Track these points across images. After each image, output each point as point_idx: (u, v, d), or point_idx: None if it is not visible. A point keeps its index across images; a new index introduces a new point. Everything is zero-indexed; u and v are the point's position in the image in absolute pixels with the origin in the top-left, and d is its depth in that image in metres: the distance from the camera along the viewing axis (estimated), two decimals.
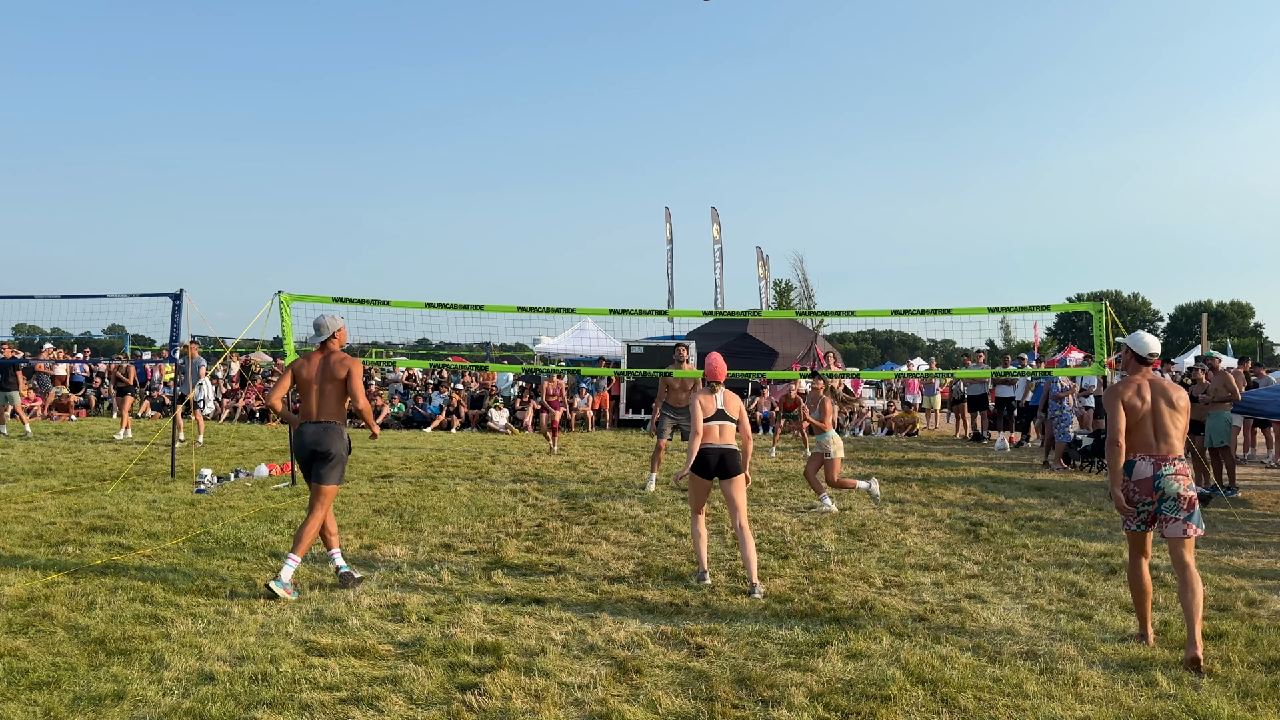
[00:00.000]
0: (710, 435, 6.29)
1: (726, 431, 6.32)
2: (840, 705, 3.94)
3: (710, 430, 6.29)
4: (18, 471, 11.12)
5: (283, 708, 3.84)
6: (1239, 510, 9.59)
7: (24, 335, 39.89)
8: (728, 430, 6.32)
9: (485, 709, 3.88)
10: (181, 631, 4.81)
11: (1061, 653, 4.66)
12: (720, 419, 6.32)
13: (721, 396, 6.41)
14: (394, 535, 7.50)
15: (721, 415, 6.33)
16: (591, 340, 28.14)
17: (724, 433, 6.31)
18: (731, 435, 6.34)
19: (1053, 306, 11.65)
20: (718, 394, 6.43)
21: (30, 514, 8.15)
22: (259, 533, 7.43)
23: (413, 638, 4.80)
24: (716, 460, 6.22)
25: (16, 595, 5.43)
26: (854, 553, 7.11)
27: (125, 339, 37.37)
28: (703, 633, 4.95)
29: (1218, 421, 11.02)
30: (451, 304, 11.37)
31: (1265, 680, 4.30)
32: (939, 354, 61.22)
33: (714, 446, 6.26)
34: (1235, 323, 78.22)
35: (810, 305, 46.38)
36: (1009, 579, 6.29)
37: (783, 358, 24.39)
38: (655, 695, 4.04)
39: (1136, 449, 4.85)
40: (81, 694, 3.96)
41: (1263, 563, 6.95)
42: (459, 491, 10.09)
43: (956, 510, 9.29)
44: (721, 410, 6.34)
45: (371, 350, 39.20)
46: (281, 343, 11.15)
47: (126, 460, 12.32)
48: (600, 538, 7.53)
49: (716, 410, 6.34)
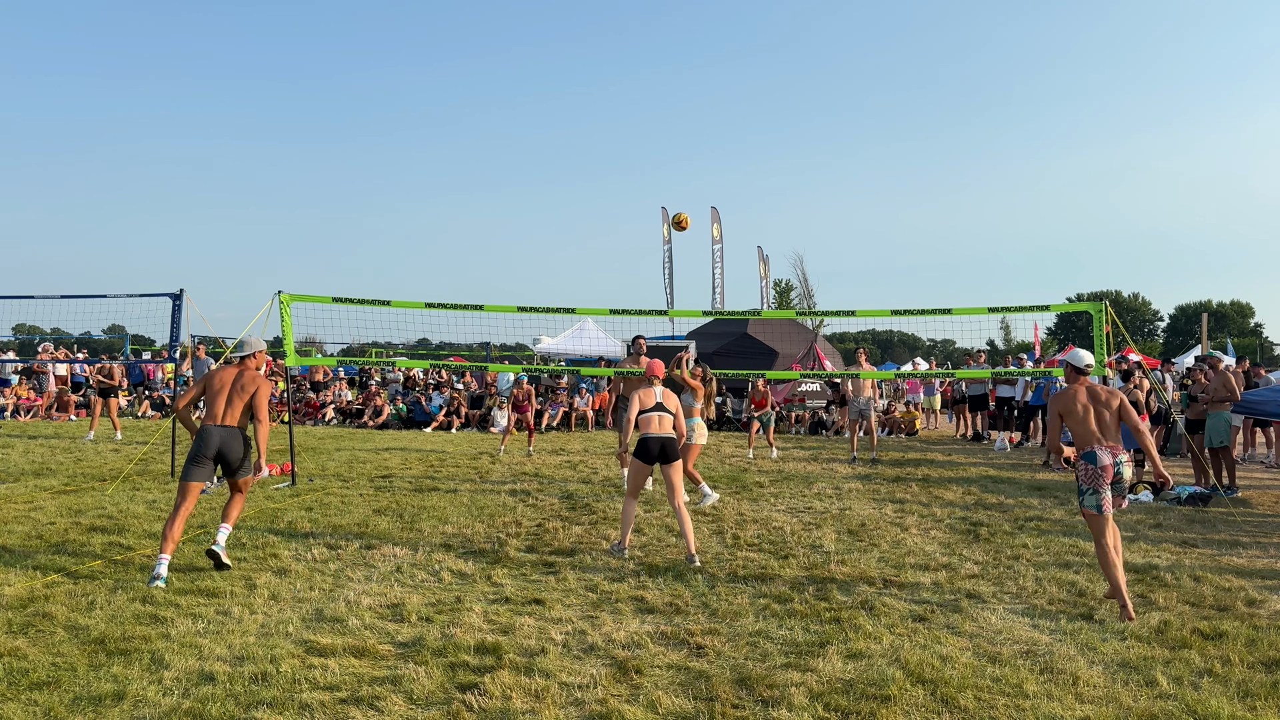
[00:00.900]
0: (650, 425, 7.05)
1: (665, 422, 7.08)
2: (840, 705, 3.94)
3: (650, 420, 7.07)
4: (18, 471, 11.12)
5: (283, 708, 3.84)
6: (1239, 510, 9.59)
7: (24, 335, 39.91)
8: (666, 421, 7.09)
9: (485, 709, 3.88)
10: (181, 631, 4.81)
11: (1061, 653, 4.67)
12: (659, 410, 7.10)
13: (660, 391, 7.21)
14: (394, 535, 7.50)
15: (660, 407, 7.12)
16: (591, 340, 28.13)
17: (663, 423, 7.07)
18: (670, 425, 7.09)
19: (1053, 306, 11.65)
20: (656, 388, 7.23)
21: (30, 514, 8.15)
22: (259, 533, 7.43)
23: (413, 638, 4.80)
24: (658, 448, 6.99)
25: (16, 595, 5.43)
26: (854, 553, 7.11)
27: (125, 339, 37.38)
28: (703, 633, 4.95)
29: (1217, 421, 11.02)
30: (451, 304, 11.38)
31: (1265, 680, 4.30)
32: (939, 354, 61.25)
33: (655, 435, 7.02)
34: (1235, 323, 78.22)
35: (810, 305, 46.40)
36: (1009, 579, 6.29)
37: (783, 357, 24.39)
38: (655, 695, 4.04)
39: (1088, 442, 5.78)
40: (81, 694, 3.96)
41: (1263, 563, 6.95)
42: (459, 491, 10.09)
43: (956, 510, 9.29)
44: (660, 403, 7.13)
45: (371, 350, 39.19)
46: (281, 343, 11.15)
47: (126, 460, 12.32)
48: (600, 538, 7.53)
49: (655, 403, 7.13)
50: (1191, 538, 7.95)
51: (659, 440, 6.99)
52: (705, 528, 8.10)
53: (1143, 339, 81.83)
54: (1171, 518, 9.04)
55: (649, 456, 6.98)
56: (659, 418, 7.06)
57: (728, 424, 20.67)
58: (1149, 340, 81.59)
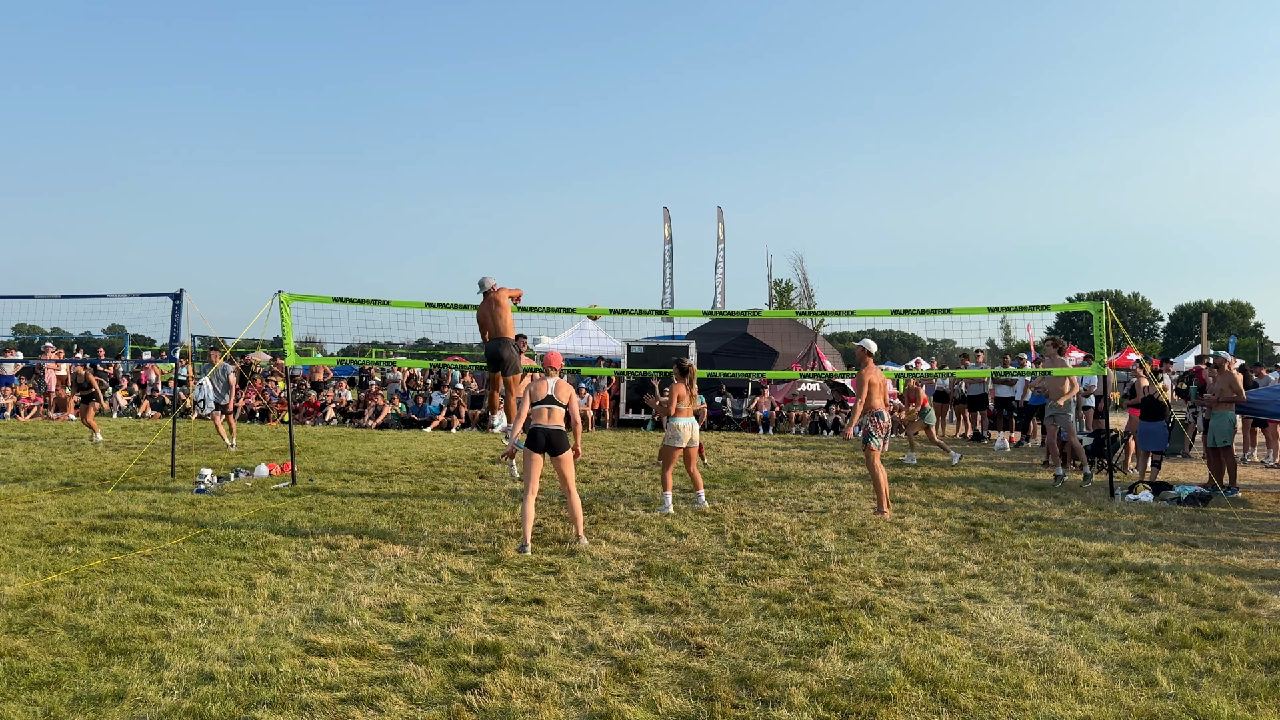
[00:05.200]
0: (540, 417, 7.23)
1: (555, 414, 7.27)
2: (840, 705, 3.94)
3: (540, 412, 7.24)
4: (18, 471, 11.13)
5: (283, 708, 3.84)
6: (1239, 510, 9.59)
7: (24, 335, 39.90)
8: (556, 413, 7.27)
9: (485, 709, 3.88)
10: (181, 631, 4.81)
11: (1061, 653, 4.67)
12: (549, 403, 7.27)
13: (554, 384, 7.37)
14: (394, 535, 7.50)
15: (551, 400, 7.28)
16: (591, 340, 28.12)
17: (553, 415, 7.26)
18: (560, 418, 7.28)
19: (1053, 306, 11.64)
20: (549, 380, 7.38)
21: (30, 514, 8.15)
22: (259, 533, 7.44)
23: (413, 638, 4.80)
24: (544, 440, 7.18)
25: (16, 595, 5.43)
26: (854, 553, 7.11)
27: (125, 339, 37.41)
28: (703, 633, 4.95)
29: (1221, 421, 11.01)
30: (451, 304, 11.37)
31: (1265, 680, 4.30)
32: (939, 354, 61.22)
33: (543, 427, 7.21)
34: (1235, 323, 78.20)
35: (810, 305, 46.41)
36: (1009, 579, 6.29)
37: (783, 357, 24.39)
38: (655, 695, 4.04)
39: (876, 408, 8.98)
40: (81, 694, 3.96)
41: (1263, 563, 6.95)
42: (459, 491, 10.09)
43: (956, 510, 9.29)
44: (551, 396, 7.30)
45: (371, 350, 39.20)
46: (281, 342, 11.15)
47: (126, 460, 12.32)
48: (600, 538, 7.53)
49: (547, 395, 7.29)
50: (1191, 538, 7.95)
51: (546, 432, 7.19)
52: (705, 528, 8.10)
53: (1143, 339, 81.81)
54: (1171, 518, 9.04)
55: (537, 446, 7.19)
56: (549, 410, 7.26)
57: (728, 424, 20.67)
58: (1149, 340, 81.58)
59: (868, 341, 9.25)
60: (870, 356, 9.19)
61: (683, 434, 9.17)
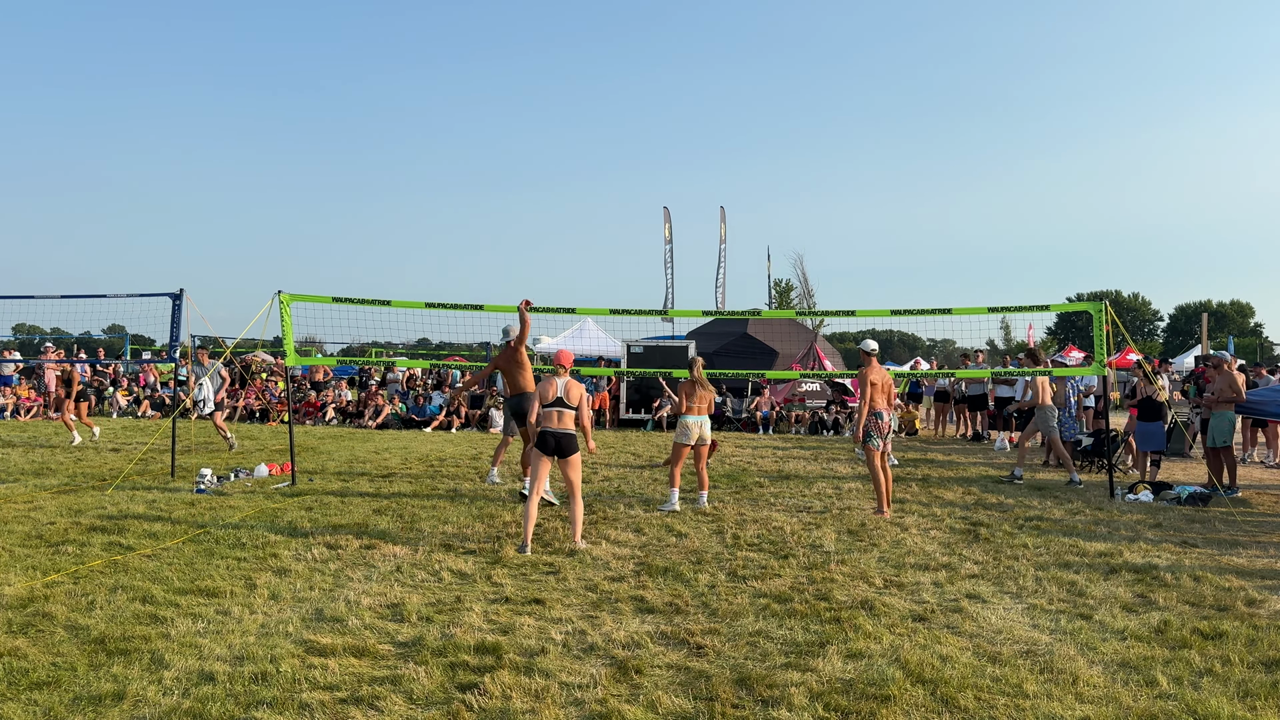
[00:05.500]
0: (549, 420, 7.06)
1: (565, 418, 7.06)
2: (840, 705, 3.94)
3: (550, 415, 7.06)
4: (18, 471, 11.13)
5: (283, 708, 3.84)
6: (1239, 510, 9.60)
7: (24, 335, 39.91)
8: (566, 416, 7.06)
9: (485, 709, 3.88)
10: (181, 631, 4.81)
11: (1061, 653, 4.67)
12: (559, 406, 7.06)
13: (563, 384, 7.13)
14: (394, 535, 7.50)
15: (561, 403, 7.07)
16: (592, 340, 28.14)
17: (563, 418, 7.05)
18: (570, 421, 7.07)
19: (1053, 306, 11.64)
20: (559, 380, 7.17)
21: (30, 514, 8.15)
22: (259, 533, 7.44)
23: (413, 638, 4.80)
24: (554, 443, 7.03)
25: (16, 595, 5.43)
26: (854, 553, 7.11)
27: (125, 339, 37.41)
28: (703, 633, 4.95)
29: (1220, 421, 11.01)
30: (451, 304, 11.37)
31: (1265, 680, 4.30)
32: (939, 354, 61.23)
33: (552, 430, 7.05)
34: (1235, 323, 78.26)
35: (810, 305, 46.41)
36: (1009, 579, 6.29)
37: (783, 357, 24.40)
38: (655, 695, 4.04)
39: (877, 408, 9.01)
40: (81, 694, 3.96)
41: (1263, 563, 6.95)
42: (459, 491, 10.09)
43: (956, 510, 9.29)
44: (561, 398, 7.08)
45: (371, 350, 39.20)
46: (281, 342, 11.15)
47: (126, 460, 12.32)
48: (600, 538, 7.53)
49: (556, 398, 7.08)
50: (1191, 538, 7.96)
51: (555, 435, 7.04)
52: (705, 528, 8.10)
53: (1143, 339, 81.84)
54: (1171, 518, 9.04)
55: (546, 449, 7.07)
56: (559, 413, 7.07)
57: (728, 424, 20.67)
58: (1149, 340, 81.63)
59: (868, 342, 9.27)
60: (872, 356, 9.22)
61: (691, 431, 9.27)
